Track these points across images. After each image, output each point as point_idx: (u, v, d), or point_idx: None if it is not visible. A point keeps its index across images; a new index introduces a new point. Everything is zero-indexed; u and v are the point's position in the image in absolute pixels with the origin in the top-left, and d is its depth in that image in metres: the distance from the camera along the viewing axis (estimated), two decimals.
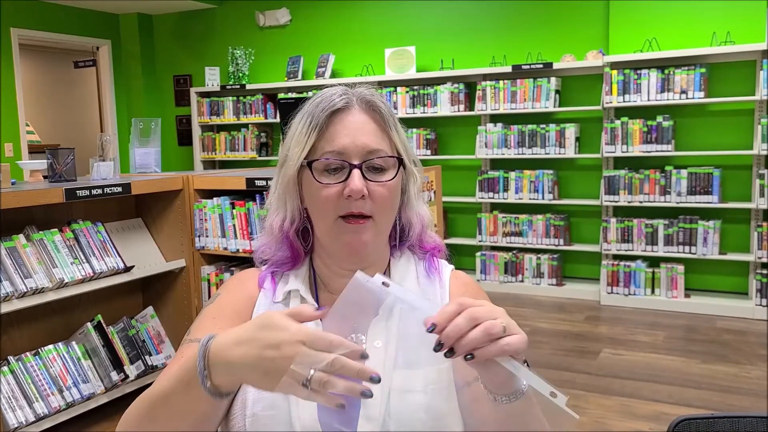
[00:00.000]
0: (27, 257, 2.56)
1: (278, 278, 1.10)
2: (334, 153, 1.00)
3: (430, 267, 1.10)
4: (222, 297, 1.10)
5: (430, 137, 6.01)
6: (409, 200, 1.09)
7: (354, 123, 1.02)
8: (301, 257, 1.10)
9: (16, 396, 2.53)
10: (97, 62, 7.81)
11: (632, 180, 5.12)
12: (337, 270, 1.07)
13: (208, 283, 3.13)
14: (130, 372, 2.93)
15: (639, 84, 5.04)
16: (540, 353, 4.13)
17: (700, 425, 1.13)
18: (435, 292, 1.08)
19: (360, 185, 0.98)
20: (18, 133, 6.69)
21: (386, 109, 1.05)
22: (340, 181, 1.00)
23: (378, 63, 6.35)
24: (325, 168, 1.01)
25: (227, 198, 3.02)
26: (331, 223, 1.01)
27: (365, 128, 1.02)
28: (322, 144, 1.01)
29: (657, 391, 3.51)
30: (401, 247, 1.11)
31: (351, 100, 1.03)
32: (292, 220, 1.07)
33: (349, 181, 0.98)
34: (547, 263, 5.53)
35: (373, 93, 1.06)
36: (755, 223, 4.85)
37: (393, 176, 1.02)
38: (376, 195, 1.00)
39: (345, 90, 1.05)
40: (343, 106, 1.02)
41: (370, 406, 0.97)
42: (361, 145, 1.00)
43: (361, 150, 1.00)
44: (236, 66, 6.93)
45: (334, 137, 1.01)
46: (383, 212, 1.02)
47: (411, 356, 1.01)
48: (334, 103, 1.02)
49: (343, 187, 0.99)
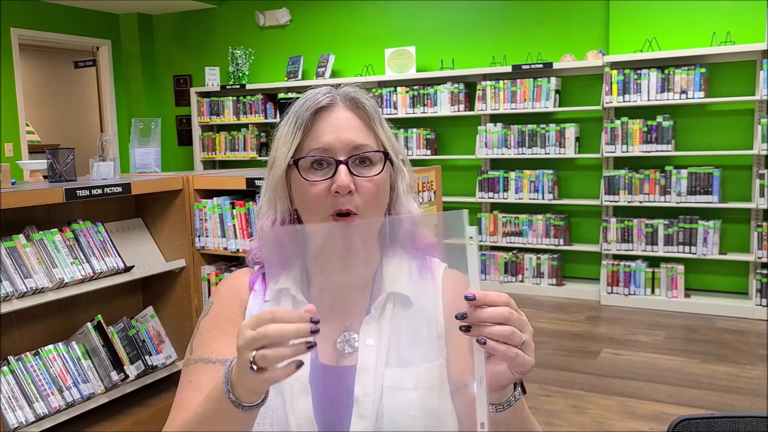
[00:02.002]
0: (27, 257, 2.56)
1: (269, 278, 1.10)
2: (319, 150, 1.01)
3: (423, 265, 1.10)
4: (215, 306, 1.10)
5: (430, 137, 6.01)
6: (398, 197, 1.08)
7: (339, 120, 1.02)
8: None
9: (16, 396, 2.53)
10: (97, 62, 7.81)
11: (632, 180, 5.12)
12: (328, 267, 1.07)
13: (208, 283, 3.13)
14: (130, 372, 2.92)
15: (639, 84, 5.04)
16: (540, 353, 4.13)
17: (700, 425, 1.13)
18: (428, 291, 1.08)
19: (347, 180, 0.98)
20: (18, 133, 6.69)
21: (371, 106, 1.05)
22: (326, 178, 1.00)
23: (378, 63, 6.35)
24: (312, 165, 1.01)
25: (227, 198, 3.02)
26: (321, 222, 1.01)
27: (350, 124, 1.02)
28: (307, 142, 1.02)
29: (657, 391, 3.51)
30: (393, 245, 1.10)
31: (335, 97, 1.04)
32: (282, 221, 1.07)
33: (336, 177, 0.99)
34: (547, 263, 5.53)
35: (357, 90, 1.06)
36: (755, 223, 4.85)
37: (380, 171, 1.02)
38: (363, 190, 1.00)
39: (329, 89, 1.05)
40: (327, 104, 1.03)
41: (363, 405, 0.97)
42: (346, 140, 1.01)
43: (347, 146, 1.01)
44: (236, 66, 6.93)
45: (320, 135, 1.01)
46: (371, 207, 1.02)
47: (404, 354, 1.01)
48: (318, 101, 1.03)
49: (330, 184, 0.99)
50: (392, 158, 1.06)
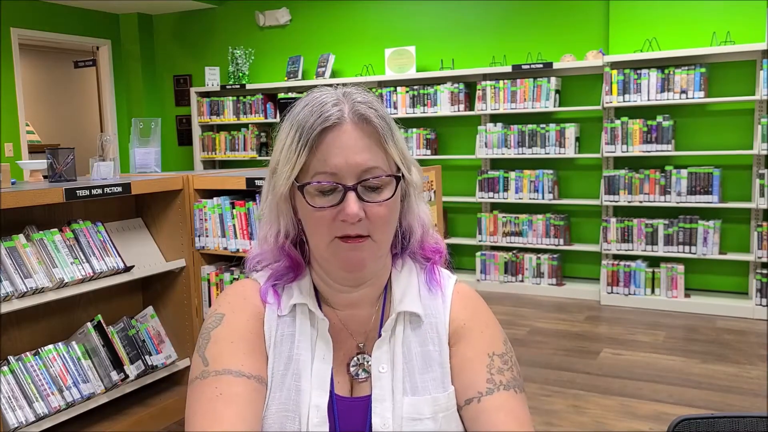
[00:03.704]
0: (27, 257, 2.56)
1: (280, 291, 1.06)
2: (326, 174, 0.94)
3: (431, 280, 1.06)
4: (229, 318, 1.03)
5: (430, 137, 6.01)
6: (409, 206, 1.04)
7: (347, 140, 0.94)
8: (302, 267, 1.06)
9: (16, 396, 2.53)
10: (97, 62, 7.81)
11: (632, 180, 5.12)
12: (335, 286, 1.04)
13: (208, 283, 3.13)
14: (130, 372, 2.92)
15: (639, 84, 5.04)
16: (540, 353, 4.13)
17: (700, 425, 1.13)
18: (437, 307, 1.05)
19: (356, 209, 0.92)
20: (18, 133, 6.69)
21: (380, 121, 0.96)
22: (333, 204, 0.94)
23: (378, 63, 6.35)
24: (318, 189, 0.94)
25: (227, 198, 3.03)
26: (327, 244, 0.96)
27: (359, 144, 0.94)
28: (313, 164, 0.94)
29: (657, 391, 3.51)
30: (403, 255, 1.08)
31: (343, 114, 0.95)
32: (287, 233, 1.03)
33: (344, 206, 0.92)
34: (547, 263, 5.53)
35: (367, 102, 0.97)
36: (755, 223, 4.85)
37: (391, 195, 0.96)
38: (373, 215, 0.94)
39: (337, 99, 0.96)
40: (334, 123, 0.94)
41: None
42: (354, 164, 0.93)
43: (355, 169, 0.93)
44: (236, 66, 6.93)
45: (326, 157, 0.94)
46: (382, 231, 0.96)
47: (417, 381, 1.00)
48: (325, 118, 0.94)
49: (337, 211, 0.93)
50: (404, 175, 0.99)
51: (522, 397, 1.00)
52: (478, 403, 0.98)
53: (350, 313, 1.05)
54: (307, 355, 1.01)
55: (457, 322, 1.04)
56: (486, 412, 0.97)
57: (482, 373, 1.00)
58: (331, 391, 1.01)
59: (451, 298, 1.07)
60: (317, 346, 1.02)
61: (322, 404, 0.98)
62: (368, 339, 1.04)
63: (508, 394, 0.99)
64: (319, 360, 1.01)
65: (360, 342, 1.04)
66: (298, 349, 1.01)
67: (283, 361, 1.01)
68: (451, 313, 1.05)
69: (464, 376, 1.01)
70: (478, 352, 1.02)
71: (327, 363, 1.01)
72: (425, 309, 1.05)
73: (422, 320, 1.04)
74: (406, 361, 1.01)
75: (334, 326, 1.04)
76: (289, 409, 0.98)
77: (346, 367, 1.03)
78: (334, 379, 1.02)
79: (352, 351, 1.04)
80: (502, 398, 0.98)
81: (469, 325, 1.04)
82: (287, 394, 0.99)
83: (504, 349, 1.04)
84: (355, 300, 1.04)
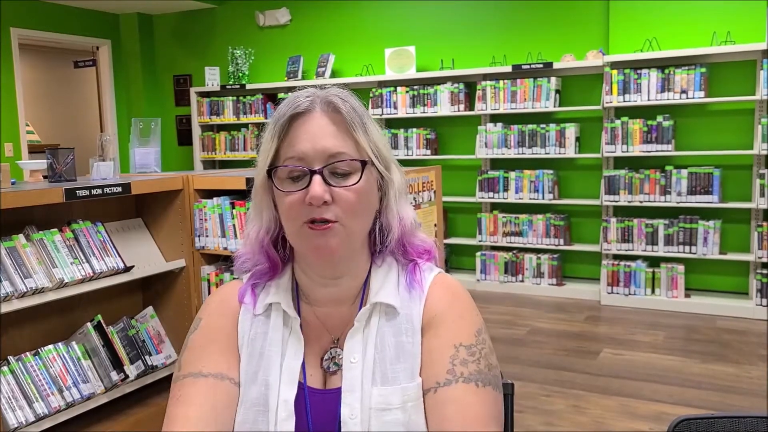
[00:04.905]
0: (27, 257, 2.56)
1: (259, 290, 1.08)
2: (294, 159, 0.97)
3: (412, 281, 1.06)
4: (205, 322, 1.08)
5: (430, 137, 6.01)
6: (388, 204, 1.05)
7: (314, 126, 0.98)
8: (278, 267, 1.08)
9: (16, 396, 2.53)
10: (97, 62, 7.81)
11: (632, 180, 5.12)
12: (316, 279, 1.05)
13: (208, 283, 3.13)
14: (130, 372, 2.92)
15: (639, 84, 5.04)
16: (540, 353, 4.13)
17: (700, 425, 1.12)
18: (414, 299, 1.05)
19: (320, 191, 0.95)
20: (18, 133, 6.69)
21: (350, 110, 1.00)
22: (301, 189, 0.97)
23: (378, 63, 6.35)
24: (288, 175, 0.98)
25: (227, 198, 3.02)
26: (297, 229, 0.98)
27: (326, 131, 0.98)
28: (283, 149, 0.99)
29: (657, 391, 3.51)
30: (382, 253, 1.08)
31: (314, 102, 0.99)
32: (268, 229, 1.05)
33: (309, 188, 0.95)
34: (547, 263, 5.53)
35: (339, 93, 1.02)
36: (755, 223, 4.85)
37: (358, 180, 0.98)
38: (341, 200, 0.97)
39: (312, 92, 1.01)
40: (304, 110, 0.99)
41: (350, 426, 0.97)
42: (321, 149, 0.97)
43: (322, 154, 0.97)
44: (236, 66, 6.93)
45: (294, 142, 0.98)
46: (351, 217, 0.98)
47: (388, 372, 1.00)
48: (296, 106, 0.99)
49: (305, 194, 0.96)
50: (375, 164, 1.01)
51: (485, 392, 0.97)
52: (434, 393, 0.98)
53: (329, 310, 1.06)
54: (278, 351, 1.03)
55: (431, 312, 1.04)
56: (438, 403, 0.97)
57: (444, 364, 0.99)
58: (304, 384, 1.02)
59: (428, 289, 1.06)
60: (289, 343, 1.04)
61: (290, 398, 1.00)
62: (344, 333, 1.04)
63: (466, 387, 0.96)
64: (289, 356, 1.03)
65: (336, 336, 1.05)
66: (270, 346, 1.03)
67: (255, 359, 1.03)
68: (426, 304, 1.04)
69: (428, 366, 1.00)
70: (445, 342, 1.00)
71: (297, 359, 1.03)
72: (402, 302, 1.04)
73: (398, 312, 1.03)
74: (378, 351, 1.01)
75: (311, 323, 1.05)
76: (260, 404, 1.00)
77: (320, 361, 1.04)
78: (306, 372, 1.03)
79: (327, 345, 1.05)
80: (458, 391, 0.96)
81: (442, 315, 1.03)
82: (258, 390, 1.01)
83: (474, 341, 1.01)
84: (334, 295, 1.05)
